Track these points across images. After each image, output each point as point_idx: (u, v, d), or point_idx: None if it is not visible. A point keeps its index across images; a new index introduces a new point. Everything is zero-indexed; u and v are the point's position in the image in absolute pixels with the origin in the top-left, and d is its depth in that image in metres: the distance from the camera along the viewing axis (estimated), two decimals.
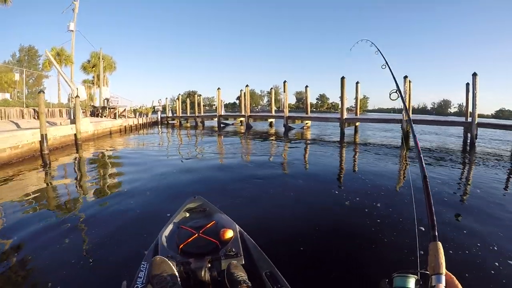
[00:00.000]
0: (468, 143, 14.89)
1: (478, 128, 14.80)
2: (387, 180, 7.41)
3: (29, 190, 6.44)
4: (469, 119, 15.10)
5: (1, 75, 25.44)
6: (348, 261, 3.34)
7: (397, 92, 2.15)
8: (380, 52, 2.96)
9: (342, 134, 17.98)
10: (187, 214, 2.99)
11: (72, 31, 28.13)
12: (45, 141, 11.72)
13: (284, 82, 23.24)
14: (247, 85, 26.26)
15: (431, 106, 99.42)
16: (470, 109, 15.19)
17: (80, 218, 4.78)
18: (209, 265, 1.96)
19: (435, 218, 1.17)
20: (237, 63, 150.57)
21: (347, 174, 8.24)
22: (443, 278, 0.97)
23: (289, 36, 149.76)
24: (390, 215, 4.72)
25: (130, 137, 20.08)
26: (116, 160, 11.12)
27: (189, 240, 2.33)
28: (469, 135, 15.18)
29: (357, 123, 21.99)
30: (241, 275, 1.83)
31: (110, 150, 13.80)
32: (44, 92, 13.05)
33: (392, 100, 2.15)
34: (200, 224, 2.62)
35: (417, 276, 1.05)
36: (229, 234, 2.37)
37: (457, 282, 0.99)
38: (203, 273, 1.90)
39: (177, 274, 1.84)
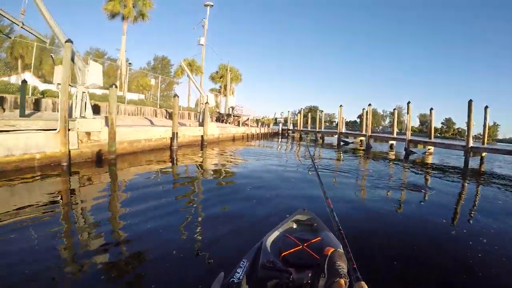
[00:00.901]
0: None
1: None
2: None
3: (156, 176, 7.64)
4: None
5: (138, 78, 28.83)
6: None
7: None
8: None
9: (466, 164, 15.16)
10: (294, 225, 2.98)
11: (202, 45, 30.86)
12: (175, 138, 12.75)
13: (408, 103, 21.21)
14: (369, 104, 24.71)
15: None
16: None
17: (193, 211, 5.06)
18: (309, 281, 1.86)
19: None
20: (359, 80, 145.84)
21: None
22: None
23: (417, 54, 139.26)
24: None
25: (252, 144, 20.87)
26: (236, 163, 11.20)
27: (292, 250, 2.31)
28: None
29: (484, 154, 18.60)
30: (343, 266, 1.72)
31: (232, 153, 14.23)
32: (178, 96, 14.11)
33: None
34: (305, 237, 2.54)
35: None
36: None
37: None
38: (303, 285, 1.82)
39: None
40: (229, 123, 26.89)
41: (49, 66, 25.82)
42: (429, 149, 21.91)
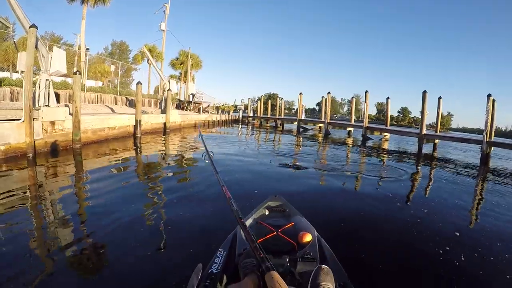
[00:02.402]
0: None
1: None
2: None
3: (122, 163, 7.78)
4: None
5: (95, 65, 28.01)
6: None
7: None
8: None
9: (420, 150, 16.46)
10: (267, 212, 2.98)
11: (163, 30, 30.44)
12: (139, 126, 12.78)
13: (366, 92, 22.17)
14: (329, 92, 25.56)
15: None
16: None
17: (161, 201, 4.97)
18: (287, 265, 1.89)
19: None
20: (318, 68, 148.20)
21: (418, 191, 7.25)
22: None
23: (373, 43, 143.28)
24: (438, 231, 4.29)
25: (213, 130, 21.27)
26: (198, 150, 11.37)
27: (267, 236, 2.32)
28: None
29: (436, 141, 20.05)
30: (329, 286, 1.66)
31: (194, 139, 14.47)
32: (141, 84, 14.08)
33: None
34: (279, 223, 2.59)
35: None
36: (307, 237, 2.34)
37: None
38: (282, 271, 1.78)
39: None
40: (190, 110, 26.88)
41: (2, 52, 24.39)
42: (385, 135, 23.12)
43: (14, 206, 4.36)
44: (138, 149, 10.34)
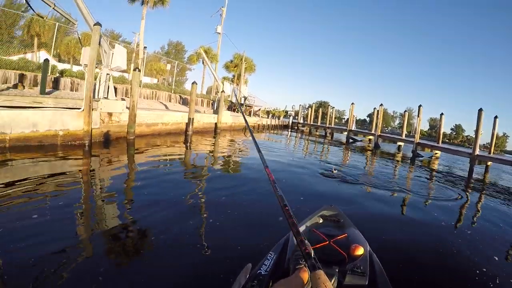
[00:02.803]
0: None
1: None
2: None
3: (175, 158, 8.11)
4: None
5: (151, 63, 28.96)
6: None
7: None
8: None
9: (471, 172, 15.22)
10: (321, 220, 2.94)
11: (219, 33, 30.88)
12: (191, 123, 12.96)
13: (419, 106, 21.16)
14: (381, 104, 24.85)
15: None
16: None
17: (209, 200, 4.90)
18: (336, 277, 1.86)
19: None
20: (371, 79, 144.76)
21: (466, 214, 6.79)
22: None
23: (431, 56, 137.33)
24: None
25: (262, 134, 21.29)
26: (248, 150, 11.50)
27: (318, 245, 2.27)
28: None
29: (489, 163, 18.52)
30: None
31: (243, 141, 14.56)
32: (196, 83, 14.25)
33: None
34: (332, 233, 2.54)
35: None
36: (359, 251, 2.25)
37: None
38: (332, 281, 1.79)
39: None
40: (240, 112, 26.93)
41: (64, 45, 25.90)
42: (436, 153, 21.90)
43: (68, 186, 4.63)
44: (189, 146, 10.58)
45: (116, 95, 11.00)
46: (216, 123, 16.22)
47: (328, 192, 6.62)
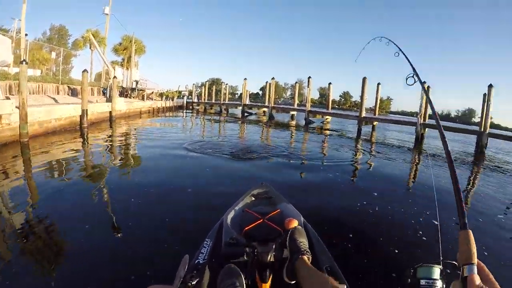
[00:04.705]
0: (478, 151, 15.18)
1: (489, 138, 15.11)
2: (403, 175, 8.30)
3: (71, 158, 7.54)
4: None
5: (33, 51, 26.76)
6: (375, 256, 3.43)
7: (414, 76, 1.94)
8: (392, 41, 2.82)
9: (359, 131, 18.37)
10: (253, 199, 2.95)
11: (107, 14, 29.52)
12: (85, 116, 12.78)
13: (309, 77, 23.68)
14: (273, 78, 26.94)
15: (455, 114, 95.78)
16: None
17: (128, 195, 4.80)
18: (274, 253, 1.85)
19: (464, 205, 1.05)
20: (261, 54, 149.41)
21: (361, 170, 8.58)
22: (475, 268, 0.89)
23: (318, 30, 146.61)
24: (410, 209, 5.11)
25: (158, 118, 21.31)
26: (148, 136, 11.81)
27: (253, 224, 2.29)
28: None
29: (375, 123, 22.10)
30: (303, 242, 1.82)
31: (142, 127, 14.91)
32: (87, 71, 13.99)
33: (409, 85, 1.91)
34: (265, 211, 2.53)
35: (441, 266, 1.01)
36: (294, 223, 2.25)
37: (488, 271, 0.90)
38: (269, 257, 1.81)
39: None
40: (134, 97, 26.79)
41: None
42: (326, 118, 24.82)
43: None
44: (87, 140, 10.33)
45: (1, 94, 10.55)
46: (110, 112, 16.03)
47: (242, 171, 6.99)
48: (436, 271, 1.00)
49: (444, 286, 0.96)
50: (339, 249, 3.24)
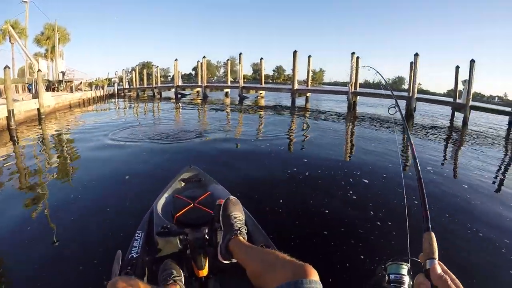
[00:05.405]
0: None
1: (417, 102, 18.58)
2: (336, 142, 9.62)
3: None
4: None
5: None
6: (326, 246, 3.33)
7: (395, 107, 1.98)
8: (379, 73, 3.26)
9: (293, 103, 20.06)
10: (182, 184, 2.94)
11: (25, 2, 27.81)
12: (12, 116, 12.23)
13: (240, 54, 24.90)
14: (204, 57, 27.58)
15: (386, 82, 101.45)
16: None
17: (69, 189, 4.94)
18: (207, 237, 1.82)
19: (428, 211, 1.03)
20: (192, 34, 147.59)
21: (297, 141, 9.34)
22: (436, 261, 0.92)
23: (249, 6, 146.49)
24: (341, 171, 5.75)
25: (89, 110, 20.84)
26: (81, 130, 11.85)
27: (184, 210, 2.28)
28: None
29: (308, 94, 23.87)
30: (238, 217, 1.69)
31: (74, 122, 14.89)
32: (9, 68, 13.41)
33: (391, 114, 1.94)
34: (195, 194, 2.53)
35: (409, 264, 1.03)
36: None
37: (446, 268, 0.91)
38: (202, 242, 1.78)
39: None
40: (61, 90, 26.11)
41: None
42: (260, 93, 26.23)
43: None
44: (16, 143, 9.56)
45: None
46: (38, 109, 15.49)
47: (181, 152, 7.43)
48: (405, 268, 1.03)
49: (412, 282, 0.98)
50: (273, 226, 3.21)
